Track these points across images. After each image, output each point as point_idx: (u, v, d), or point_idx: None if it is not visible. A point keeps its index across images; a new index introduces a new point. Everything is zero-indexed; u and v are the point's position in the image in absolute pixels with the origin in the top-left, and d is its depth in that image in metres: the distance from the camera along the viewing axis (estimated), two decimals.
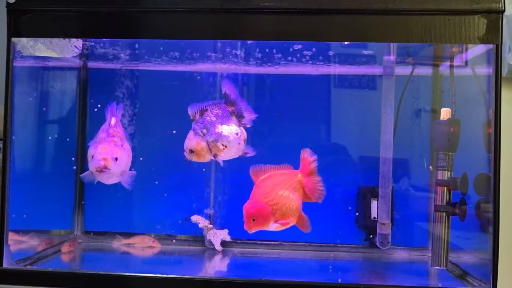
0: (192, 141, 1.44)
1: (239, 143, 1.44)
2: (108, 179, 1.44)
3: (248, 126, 1.48)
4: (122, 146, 1.42)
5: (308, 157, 1.45)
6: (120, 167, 1.43)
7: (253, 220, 1.37)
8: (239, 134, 1.43)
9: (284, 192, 1.40)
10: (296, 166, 1.46)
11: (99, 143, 1.41)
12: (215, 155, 1.44)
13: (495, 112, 1.31)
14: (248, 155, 1.48)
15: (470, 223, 1.47)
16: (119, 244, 1.79)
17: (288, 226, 1.41)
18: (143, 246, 1.77)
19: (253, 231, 1.38)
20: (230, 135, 1.42)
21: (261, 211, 1.38)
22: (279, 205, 1.39)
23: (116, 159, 1.40)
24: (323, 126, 1.85)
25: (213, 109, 1.44)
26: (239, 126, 1.45)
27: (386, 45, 1.67)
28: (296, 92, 1.85)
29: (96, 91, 1.89)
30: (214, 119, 1.42)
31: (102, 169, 1.38)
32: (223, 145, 1.42)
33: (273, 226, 1.40)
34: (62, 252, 1.67)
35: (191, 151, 1.44)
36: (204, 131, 1.41)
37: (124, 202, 1.83)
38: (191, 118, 1.45)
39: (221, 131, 1.41)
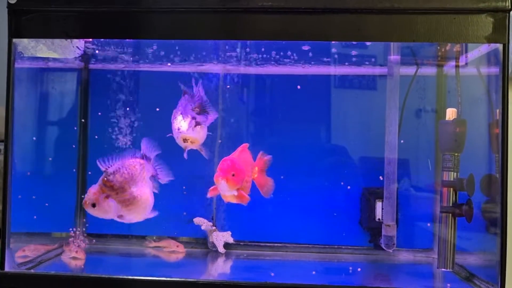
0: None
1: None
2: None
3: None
4: (111, 198, 1.37)
5: (262, 157, 1.50)
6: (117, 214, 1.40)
7: (233, 175, 1.38)
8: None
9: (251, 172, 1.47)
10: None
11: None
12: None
13: (502, 112, 1.29)
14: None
15: (476, 225, 1.45)
16: (149, 246, 1.78)
17: (238, 199, 1.44)
18: (169, 250, 1.76)
19: (221, 187, 1.39)
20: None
21: (242, 172, 1.40)
22: (248, 178, 1.44)
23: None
24: (327, 127, 1.84)
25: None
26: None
27: (390, 44, 1.65)
28: (299, 93, 1.84)
29: (98, 93, 1.87)
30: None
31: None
32: None
33: (232, 192, 1.41)
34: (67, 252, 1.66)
35: None
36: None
37: None
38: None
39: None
